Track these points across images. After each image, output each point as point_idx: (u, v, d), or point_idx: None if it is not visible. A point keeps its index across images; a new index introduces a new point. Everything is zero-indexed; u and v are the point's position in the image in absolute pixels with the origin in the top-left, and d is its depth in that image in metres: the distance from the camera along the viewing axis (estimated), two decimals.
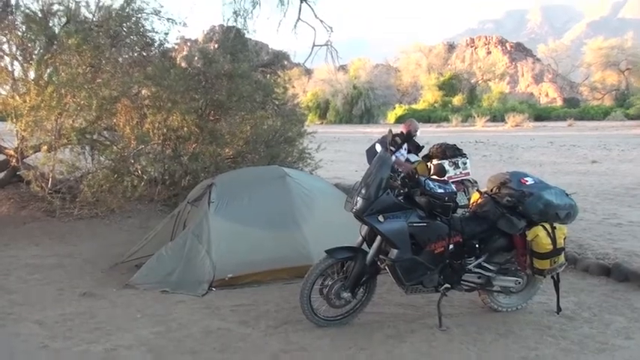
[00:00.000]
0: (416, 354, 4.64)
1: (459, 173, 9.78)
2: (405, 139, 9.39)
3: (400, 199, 5.00)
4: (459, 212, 5.44)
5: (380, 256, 5.05)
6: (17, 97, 9.66)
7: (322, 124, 67.72)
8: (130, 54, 11.11)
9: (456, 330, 5.09)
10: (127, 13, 10.55)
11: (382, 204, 4.87)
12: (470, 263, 5.22)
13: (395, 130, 8.13)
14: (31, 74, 10.02)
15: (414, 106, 78.63)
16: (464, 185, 9.68)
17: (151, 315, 5.54)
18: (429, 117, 68.23)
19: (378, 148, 8.54)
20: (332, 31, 15.14)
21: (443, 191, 5.07)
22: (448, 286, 5.13)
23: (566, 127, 48.82)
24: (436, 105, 76.69)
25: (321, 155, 12.93)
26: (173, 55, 11.95)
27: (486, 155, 22.17)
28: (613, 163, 18.94)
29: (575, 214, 5.31)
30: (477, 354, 4.63)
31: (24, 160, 10.13)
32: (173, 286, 6.30)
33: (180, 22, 11.34)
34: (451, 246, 5.05)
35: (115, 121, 10.55)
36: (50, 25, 10.13)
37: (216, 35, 14.64)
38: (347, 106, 73.80)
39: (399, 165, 8.30)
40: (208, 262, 6.37)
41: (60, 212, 9.70)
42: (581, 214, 8.14)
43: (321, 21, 15.02)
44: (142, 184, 9.84)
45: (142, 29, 10.95)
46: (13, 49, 10.16)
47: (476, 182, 9.78)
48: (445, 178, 6.34)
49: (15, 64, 10.20)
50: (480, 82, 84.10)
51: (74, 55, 9.46)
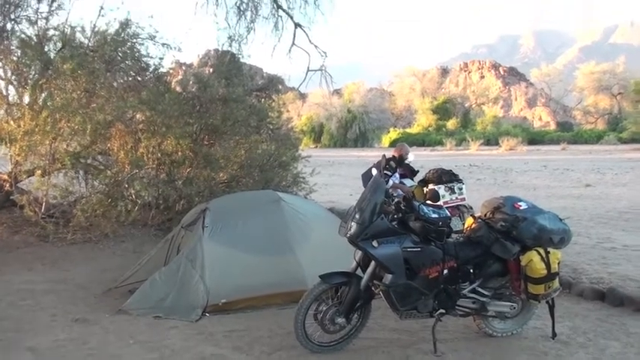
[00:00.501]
0: None
1: (454, 198, 9.80)
2: (397, 164, 9.41)
3: (394, 224, 4.99)
4: (454, 237, 5.44)
5: (374, 281, 5.02)
6: (11, 122, 9.67)
7: (317, 147, 67.93)
8: (125, 78, 11.14)
9: (451, 356, 5.06)
10: (122, 38, 10.60)
11: (376, 229, 4.86)
12: (464, 288, 5.20)
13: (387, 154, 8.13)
14: (26, 99, 10.06)
15: (409, 129, 78.96)
16: (459, 210, 9.70)
17: (144, 341, 5.49)
18: (424, 141, 68.54)
19: (374, 172, 8.55)
20: (326, 56, 15.24)
21: (437, 216, 5.07)
22: (443, 311, 5.11)
23: (560, 150, 49.05)
24: (430, 129, 77.04)
25: (316, 179, 12.94)
26: (168, 79, 12.00)
27: (480, 179, 22.22)
28: (607, 186, 18.98)
29: (569, 239, 5.32)
30: None
31: (17, 184, 10.11)
32: (166, 311, 6.25)
33: (175, 47, 11.39)
34: (445, 271, 5.03)
35: (109, 145, 10.55)
36: (45, 50, 10.16)
37: (211, 59, 14.67)
38: (341, 130, 74.11)
39: (397, 188, 8.31)
40: (202, 287, 6.33)
41: (53, 237, 9.64)
42: (576, 237, 8.14)
43: (315, 46, 15.11)
44: (136, 208, 9.83)
45: (137, 54, 10.99)
46: (8, 73, 10.21)
47: (471, 208, 9.79)
48: (440, 203, 6.35)
49: (10, 88, 10.26)
50: (474, 106, 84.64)
51: (69, 80, 9.51)
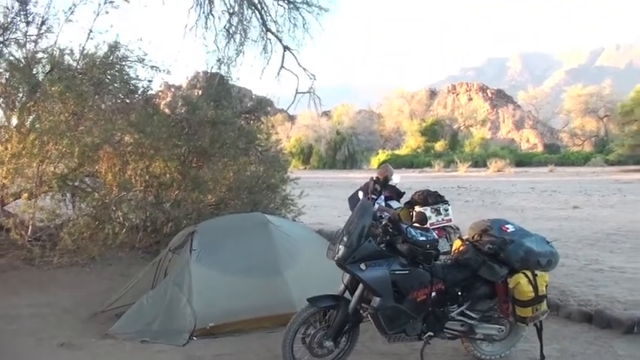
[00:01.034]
0: None
1: (441, 220, 9.85)
2: (381, 186, 9.47)
3: (382, 246, 5.00)
4: (441, 259, 5.45)
5: (362, 304, 5.01)
6: None
7: (306, 169, 68.00)
8: (113, 101, 11.16)
9: None
10: (110, 61, 10.64)
11: (364, 252, 4.86)
12: (452, 311, 5.19)
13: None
14: (14, 121, 10.02)
15: (397, 151, 79.30)
16: (446, 232, 9.74)
17: None
18: (412, 162, 68.83)
19: (361, 195, 8.58)
20: (315, 79, 15.27)
21: (424, 239, 5.08)
22: (431, 334, 5.09)
23: (547, 172, 49.33)
24: (419, 150, 77.44)
25: (305, 201, 12.95)
26: (156, 101, 12.02)
27: (469, 201, 22.29)
28: (594, 208, 19.10)
29: (556, 262, 5.34)
30: None
31: (4, 207, 10.04)
32: (153, 335, 6.20)
33: (164, 70, 11.42)
34: (433, 294, 5.03)
35: (97, 167, 10.53)
36: (34, 72, 10.17)
37: (200, 82, 14.71)
38: (330, 152, 74.34)
39: (383, 211, 8.33)
40: (189, 310, 6.29)
41: (39, 260, 9.54)
42: (563, 259, 8.17)
43: (304, 69, 15.16)
44: (124, 231, 9.76)
45: (125, 77, 11.03)
46: None
47: (458, 228, 9.83)
48: (427, 225, 6.35)
49: None
50: (462, 127, 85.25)
51: (57, 102, 9.50)
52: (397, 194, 10.14)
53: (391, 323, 4.93)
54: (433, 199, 10.05)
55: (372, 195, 7.25)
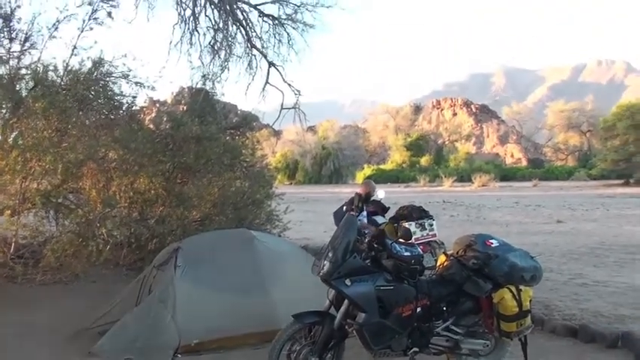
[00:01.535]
0: None
1: (425, 234, 9.88)
2: (363, 201, 9.53)
3: (367, 262, 5.00)
4: (426, 274, 5.45)
5: (347, 320, 4.99)
6: None
7: (291, 184, 68.04)
8: (98, 117, 11.10)
9: None
10: (95, 77, 10.59)
11: (349, 267, 4.85)
12: (438, 326, 5.19)
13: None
14: None
15: (383, 166, 79.57)
16: (431, 246, 9.76)
17: None
18: (398, 177, 69.12)
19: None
20: (300, 94, 15.32)
21: (409, 254, 5.08)
22: (416, 349, 5.08)
23: (532, 187, 49.74)
24: (404, 165, 77.72)
25: (290, 216, 12.93)
26: (141, 117, 11.97)
27: (454, 215, 22.37)
28: (578, 222, 19.25)
29: (540, 276, 5.35)
30: None
31: None
32: (138, 353, 6.13)
33: (148, 86, 11.38)
34: (419, 309, 5.03)
35: (81, 184, 10.46)
36: (17, 89, 10.10)
37: (185, 97, 14.69)
38: (316, 167, 74.45)
39: (365, 228, 8.35)
40: (174, 327, 6.24)
41: (22, 278, 9.42)
42: (548, 274, 8.21)
43: (289, 84, 15.20)
44: (108, 248, 9.69)
45: (109, 93, 10.98)
46: None
47: (442, 243, 9.86)
48: (412, 240, 6.37)
49: None
50: (447, 142, 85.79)
51: (40, 119, 9.44)
52: (382, 209, 10.18)
53: (376, 339, 4.92)
54: (418, 214, 10.09)
55: (351, 212, 7.29)
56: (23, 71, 10.34)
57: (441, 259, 5.61)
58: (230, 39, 14.47)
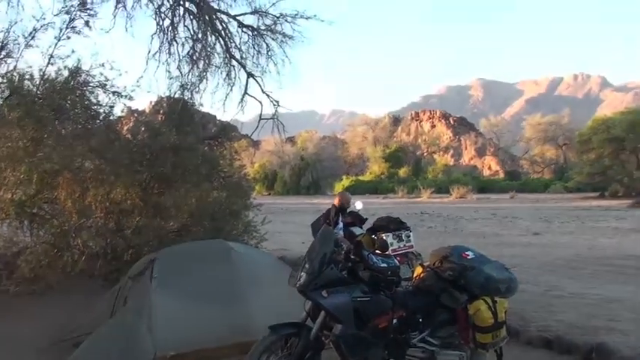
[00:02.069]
0: None
1: (402, 246, 9.91)
2: (337, 212, 9.56)
3: (344, 273, 5.00)
4: (403, 285, 5.47)
5: (324, 331, 4.98)
6: None
7: (270, 195, 67.99)
8: (74, 126, 10.98)
9: None
10: (71, 86, 10.50)
11: (326, 279, 4.85)
12: (414, 337, 5.19)
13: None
14: None
15: (361, 177, 79.73)
16: (407, 258, 9.79)
17: None
18: (376, 188, 69.29)
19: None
20: (278, 105, 15.38)
21: (386, 265, 5.09)
22: None
23: (509, 199, 50.18)
24: (383, 176, 78.01)
25: (268, 227, 12.88)
26: (118, 127, 11.90)
27: (432, 227, 22.50)
28: (554, 235, 19.44)
29: (516, 288, 5.39)
30: None
31: None
32: None
33: (126, 96, 11.29)
34: (395, 320, 5.04)
35: (56, 194, 10.33)
36: None
37: (163, 107, 14.61)
38: (294, 178, 74.53)
39: (341, 241, 8.37)
40: (149, 339, 6.18)
41: None
42: (524, 285, 8.27)
43: (267, 95, 15.24)
44: (83, 258, 9.59)
45: (86, 102, 10.88)
46: None
47: (419, 255, 9.90)
48: (389, 251, 6.39)
49: None
50: (425, 154, 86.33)
51: (16, 128, 9.34)
52: (360, 220, 10.20)
53: (353, 350, 4.91)
54: (395, 225, 10.12)
55: (327, 222, 7.30)
56: None
57: (418, 270, 5.63)
58: (209, 49, 14.49)
